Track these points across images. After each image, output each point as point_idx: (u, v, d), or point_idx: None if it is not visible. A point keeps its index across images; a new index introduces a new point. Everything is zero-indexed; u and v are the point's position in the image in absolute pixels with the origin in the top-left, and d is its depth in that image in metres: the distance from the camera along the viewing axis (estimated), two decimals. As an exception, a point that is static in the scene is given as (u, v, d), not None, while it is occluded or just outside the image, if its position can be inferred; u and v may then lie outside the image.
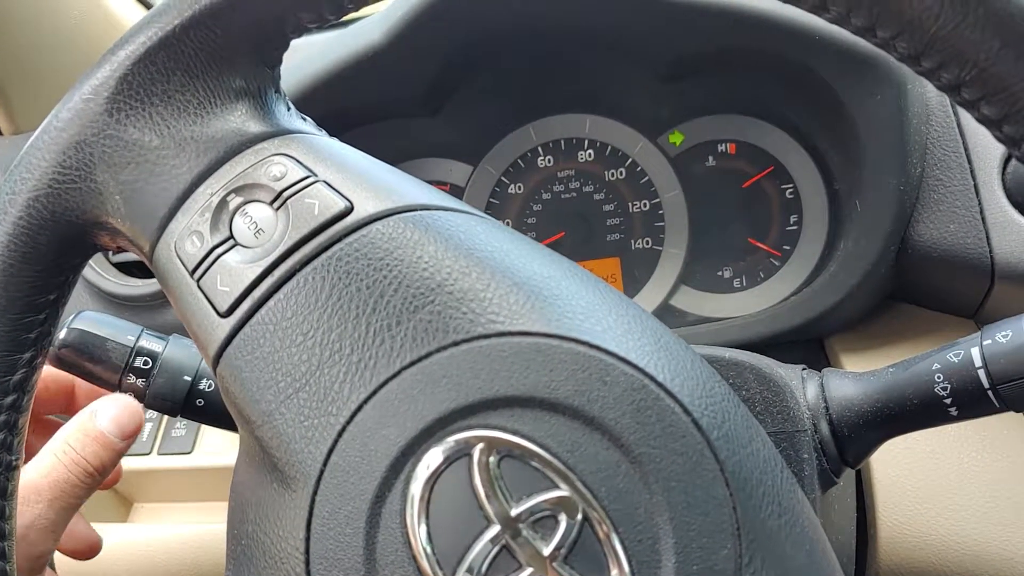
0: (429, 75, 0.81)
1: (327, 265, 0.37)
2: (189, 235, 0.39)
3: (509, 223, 0.92)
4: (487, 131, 0.91)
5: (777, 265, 0.86)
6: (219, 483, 0.88)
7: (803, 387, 0.52)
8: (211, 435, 0.90)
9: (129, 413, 0.54)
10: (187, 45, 0.40)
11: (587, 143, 0.91)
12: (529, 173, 0.92)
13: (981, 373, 0.46)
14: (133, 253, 0.43)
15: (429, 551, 0.32)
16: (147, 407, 0.56)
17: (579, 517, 0.32)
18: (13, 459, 0.41)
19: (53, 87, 1.03)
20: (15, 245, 0.40)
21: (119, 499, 0.94)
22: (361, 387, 0.35)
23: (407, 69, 0.79)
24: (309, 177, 0.39)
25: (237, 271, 0.38)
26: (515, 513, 0.32)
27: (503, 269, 0.37)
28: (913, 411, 0.48)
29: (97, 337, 0.55)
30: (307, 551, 0.34)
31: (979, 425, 0.69)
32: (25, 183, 0.40)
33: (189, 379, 0.55)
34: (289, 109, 0.45)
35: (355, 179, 0.39)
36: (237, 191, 0.40)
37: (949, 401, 0.47)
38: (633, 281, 0.89)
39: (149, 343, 0.56)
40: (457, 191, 0.93)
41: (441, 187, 0.93)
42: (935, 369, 0.48)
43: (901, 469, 0.69)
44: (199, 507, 0.91)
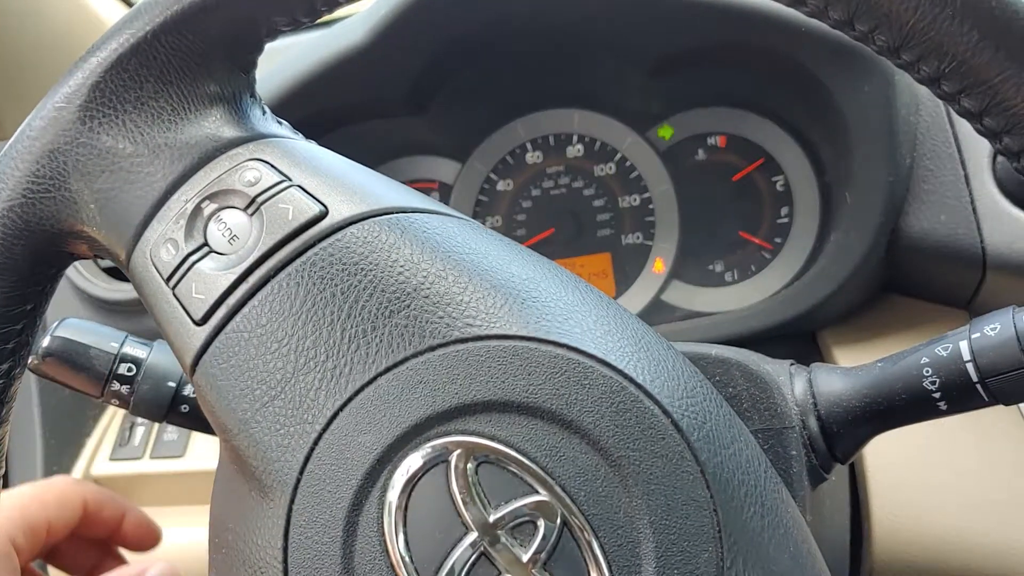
0: (413, 73, 0.81)
1: (301, 270, 0.37)
2: (164, 243, 0.39)
3: (499, 220, 0.92)
4: (474, 128, 0.91)
5: (768, 258, 0.86)
6: (211, 487, 0.87)
7: (791, 383, 0.52)
8: (202, 439, 0.90)
9: None
10: (159, 51, 0.40)
11: (576, 138, 0.91)
12: (518, 169, 0.91)
13: (969, 367, 0.45)
14: (111, 261, 0.43)
15: (407, 559, 0.32)
16: (132, 413, 0.55)
17: (558, 522, 0.32)
18: None
19: (38, 92, 1.03)
20: None
21: (113, 504, 0.93)
22: (337, 394, 0.35)
23: (391, 68, 0.78)
24: (283, 182, 0.39)
25: (211, 278, 0.38)
26: (493, 519, 0.32)
27: (480, 271, 0.36)
28: (902, 406, 0.48)
29: (80, 345, 0.54)
30: (285, 560, 0.34)
31: (972, 418, 0.69)
32: None
33: (174, 385, 0.55)
34: (264, 113, 0.44)
35: (330, 183, 0.39)
36: (211, 197, 0.39)
37: (938, 395, 0.47)
38: (624, 276, 0.89)
39: (133, 349, 0.55)
40: (445, 189, 0.92)
41: (429, 185, 0.93)
42: (923, 363, 0.47)
43: (895, 463, 0.69)
44: (192, 510, 0.90)
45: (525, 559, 0.32)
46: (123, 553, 0.64)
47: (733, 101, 0.86)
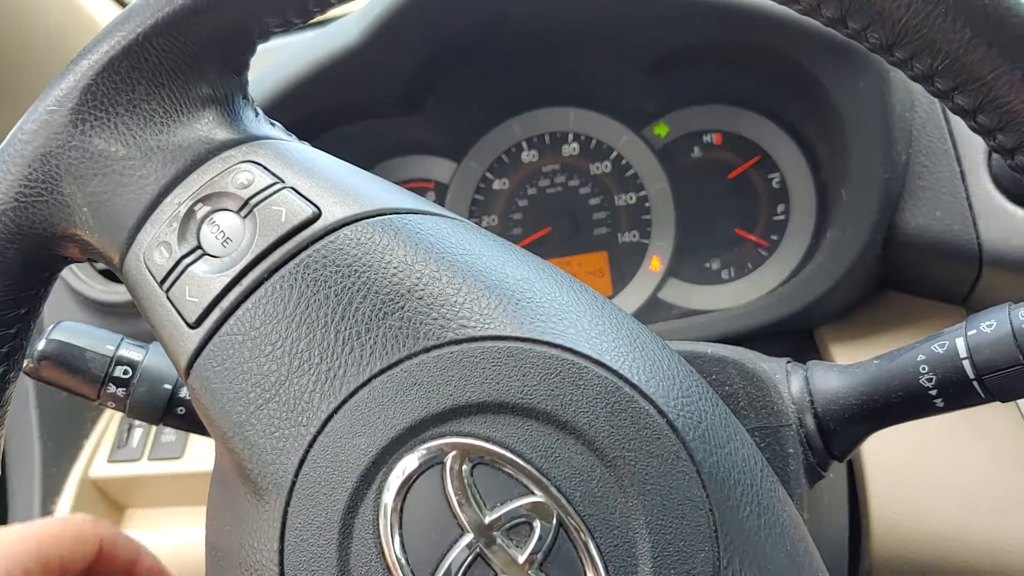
0: (408, 73, 0.80)
1: (294, 273, 0.37)
2: (157, 246, 0.39)
3: (495, 219, 0.91)
4: (470, 127, 0.91)
5: (765, 256, 0.86)
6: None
7: (787, 381, 0.52)
8: (201, 440, 0.90)
9: None
10: (151, 53, 0.39)
11: (571, 137, 0.91)
12: (514, 168, 0.91)
13: (966, 364, 0.45)
14: (105, 264, 0.43)
15: (403, 561, 0.32)
16: (128, 416, 0.55)
17: (554, 523, 0.32)
18: None
19: (31, 93, 1.02)
20: None
21: (112, 505, 0.93)
22: (331, 396, 0.34)
23: (385, 68, 0.78)
24: (276, 184, 0.39)
25: (205, 281, 0.37)
26: (489, 520, 0.32)
27: (474, 272, 0.36)
28: (899, 403, 0.48)
29: (76, 348, 0.54)
30: (281, 563, 0.34)
31: (970, 414, 0.69)
32: None
33: (170, 387, 0.55)
34: (257, 115, 0.44)
35: (323, 184, 0.39)
36: (204, 200, 0.39)
37: (935, 393, 0.47)
38: (621, 275, 0.89)
39: (129, 352, 0.55)
40: (441, 188, 0.92)
41: (425, 185, 0.93)
42: (920, 360, 0.47)
43: (893, 460, 0.69)
44: (191, 511, 0.90)
45: (521, 560, 0.32)
46: None
47: (729, 99, 0.86)
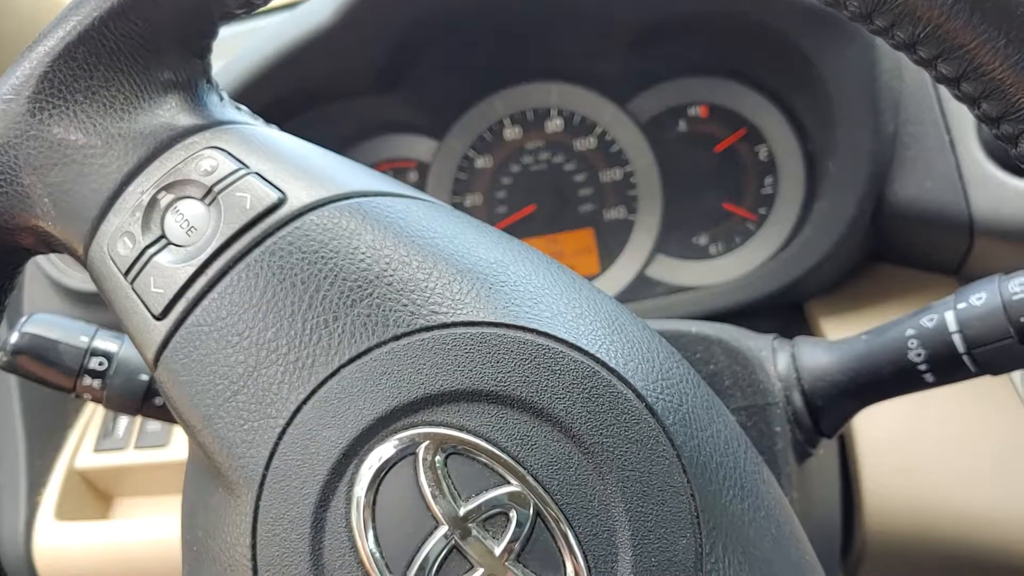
0: (385, 50, 0.79)
1: (260, 260, 0.36)
2: (121, 236, 0.38)
3: (479, 198, 0.90)
4: (451, 104, 0.90)
5: (753, 230, 0.85)
6: (197, 476, 0.87)
7: (774, 358, 0.51)
8: (186, 428, 0.89)
9: None
10: (108, 38, 0.38)
11: (555, 113, 0.89)
12: (497, 146, 0.90)
13: (956, 338, 0.45)
14: (69, 256, 0.41)
15: (377, 554, 0.31)
16: (106, 408, 0.54)
17: (531, 512, 0.31)
18: None
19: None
20: None
21: (99, 495, 0.93)
22: (300, 387, 0.34)
23: (361, 46, 0.77)
24: (240, 170, 0.38)
25: (170, 271, 0.36)
26: (464, 512, 0.31)
27: (446, 256, 0.35)
28: (888, 379, 0.47)
29: (48, 340, 0.53)
30: (254, 557, 0.33)
31: (961, 388, 0.68)
32: None
33: (146, 378, 0.54)
34: (222, 99, 0.43)
35: (288, 169, 0.38)
36: (168, 188, 0.38)
37: (924, 368, 0.46)
38: (608, 252, 0.88)
39: (104, 343, 0.54)
40: (423, 167, 0.91)
41: (406, 164, 0.92)
42: (909, 335, 0.46)
43: (885, 435, 0.68)
44: (179, 500, 0.89)
45: (498, 552, 0.31)
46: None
47: (714, 71, 0.85)
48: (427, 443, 0.32)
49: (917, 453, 0.67)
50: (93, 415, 0.94)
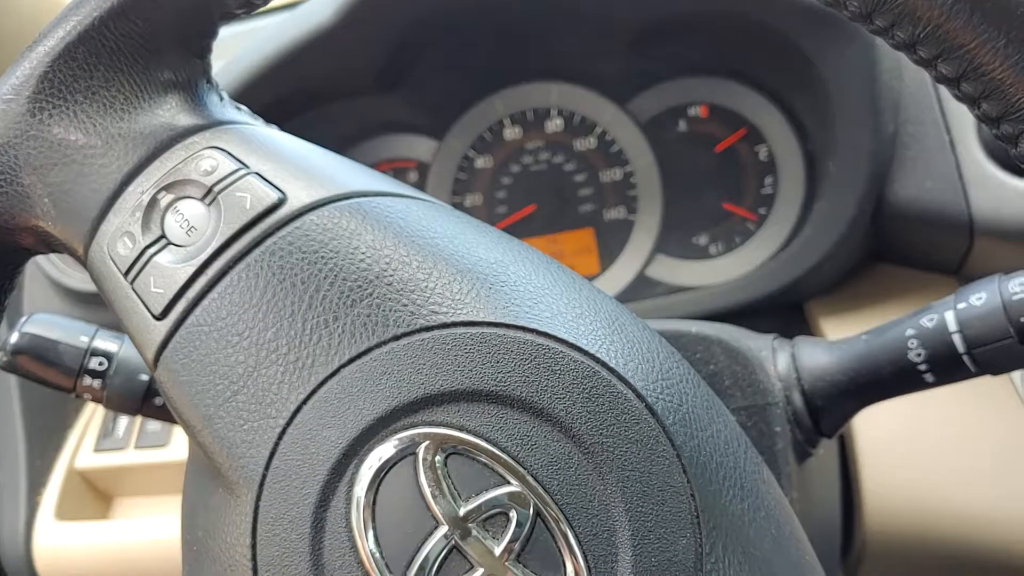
0: (385, 50, 0.79)
1: (260, 260, 0.36)
2: (121, 236, 0.38)
3: (479, 198, 0.90)
4: (451, 104, 0.89)
5: (753, 230, 0.85)
6: (197, 475, 0.87)
7: (774, 358, 0.51)
8: (186, 428, 0.89)
9: None
10: (108, 38, 0.38)
11: (555, 113, 0.89)
12: (497, 146, 0.90)
13: (956, 338, 0.45)
14: (69, 256, 0.42)
15: (377, 555, 0.31)
16: (106, 408, 0.54)
17: (531, 513, 0.31)
18: None
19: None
20: None
21: (99, 495, 0.93)
22: (300, 387, 0.34)
23: (361, 46, 0.77)
24: (240, 170, 0.38)
25: (170, 271, 0.36)
26: (464, 512, 0.31)
27: (446, 256, 0.35)
28: (888, 379, 0.47)
29: (48, 340, 0.53)
30: (254, 557, 0.33)
31: (961, 388, 0.68)
32: None
33: (147, 378, 0.54)
34: (222, 99, 0.43)
35: (288, 169, 0.38)
36: (168, 188, 0.38)
37: (924, 368, 0.46)
38: (608, 252, 0.88)
39: (104, 343, 0.54)
40: (423, 168, 0.91)
41: (406, 164, 0.92)
42: (909, 335, 0.46)
43: (885, 435, 0.68)
44: (179, 500, 0.89)
45: (498, 552, 0.31)
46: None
47: (714, 70, 0.85)
48: (427, 443, 0.32)
49: (917, 453, 0.67)
50: (93, 415, 0.94)
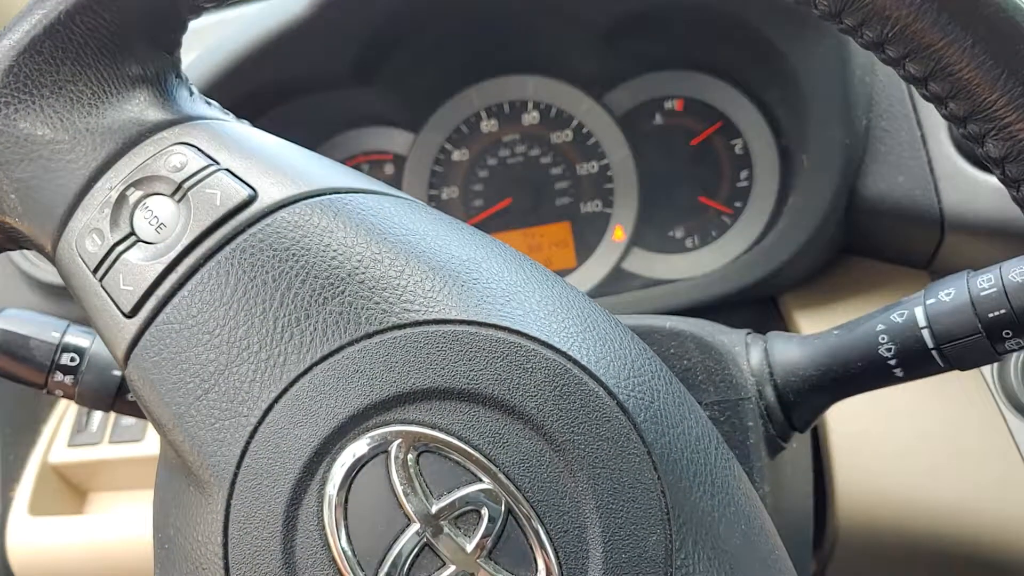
0: (359, 42, 0.79)
1: (231, 258, 0.35)
2: (89, 233, 0.37)
3: (456, 191, 0.90)
4: (427, 97, 0.89)
5: (728, 223, 0.85)
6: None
7: (747, 353, 0.51)
8: (161, 422, 0.88)
9: None
10: (74, 32, 0.38)
11: (531, 105, 0.89)
12: (473, 139, 0.90)
13: (925, 333, 0.45)
14: (37, 252, 0.41)
15: (349, 552, 0.31)
16: (78, 404, 0.54)
17: (503, 510, 0.31)
18: None
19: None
20: None
21: (73, 490, 0.92)
22: (271, 385, 0.33)
23: (336, 38, 0.76)
24: (211, 166, 0.37)
25: (139, 269, 0.36)
26: (436, 509, 0.31)
27: (418, 253, 0.35)
28: (858, 373, 0.48)
29: (19, 336, 0.53)
30: (226, 556, 0.33)
31: (933, 382, 0.69)
32: None
33: (119, 374, 0.54)
34: (192, 94, 0.43)
35: (259, 165, 0.38)
36: (136, 184, 0.38)
37: (894, 362, 0.47)
38: (585, 245, 0.88)
39: (76, 338, 0.54)
40: (399, 161, 0.91)
41: (383, 157, 0.91)
42: (879, 330, 0.47)
43: (857, 428, 0.69)
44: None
45: (469, 548, 0.31)
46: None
47: (689, 64, 0.85)
48: (399, 441, 0.32)
49: (889, 446, 0.68)
50: (67, 409, 0.94)
